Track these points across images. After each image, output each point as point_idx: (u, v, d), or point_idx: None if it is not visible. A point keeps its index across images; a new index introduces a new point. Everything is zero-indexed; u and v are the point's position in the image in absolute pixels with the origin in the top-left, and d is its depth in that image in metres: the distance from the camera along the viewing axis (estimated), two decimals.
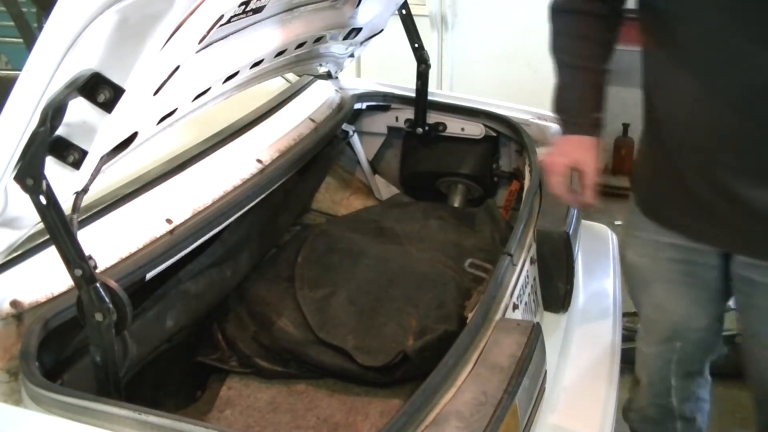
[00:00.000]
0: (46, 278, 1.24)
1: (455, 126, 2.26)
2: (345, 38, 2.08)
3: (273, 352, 1.61)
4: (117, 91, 1.03)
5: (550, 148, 1.58)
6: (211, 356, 1.65)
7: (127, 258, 1.36)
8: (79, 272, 1.09)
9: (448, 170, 2.33)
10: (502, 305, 1.42)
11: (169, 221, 1.48)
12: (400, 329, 1.61)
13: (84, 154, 1.10)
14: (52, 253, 1.11)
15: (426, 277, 1.76)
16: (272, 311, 1.67)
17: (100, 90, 1.01)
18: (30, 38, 3.10)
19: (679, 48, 1.31)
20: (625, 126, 4.07)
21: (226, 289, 1.74)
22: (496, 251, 1.73)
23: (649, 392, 1.77)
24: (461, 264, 1.86)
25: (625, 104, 2.92)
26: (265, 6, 1.49)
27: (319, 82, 2.32)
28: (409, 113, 2.30)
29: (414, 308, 1.67)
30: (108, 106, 1.04)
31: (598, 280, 2.00)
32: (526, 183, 1.91)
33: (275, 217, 2.02)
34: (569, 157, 1.48)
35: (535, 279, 1.72)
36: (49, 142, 1.02)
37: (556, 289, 1.78)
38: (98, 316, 1.11)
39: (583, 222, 2.04)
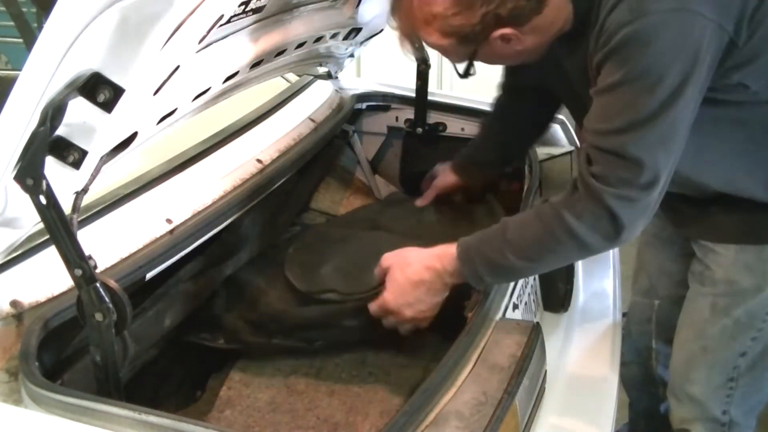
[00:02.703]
0: (46, 278, 1.24)
1: (455, 126, 2.26)
2: (345, 38, 2.08)
3: (260, 325, 1.62)
4: (117, 91, 1.03)
5: None
6: (200, 335, 1.65)
7: (127, 258, 1.36)
8: (79, 272, 1.09)
9: None
10: (502, 305, 1.42)
11: (169, 221, 1.48)
12: None
13: (84, 153, 1.09)
14: (52, 253, 1.11)
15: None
16: (260, 292, 1.69)
17: (100, 90, 1.01)
18: (30, 38, 3.10)
19: None
20: None
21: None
22: None
23: (633, 346, 1.94)
24: None
25: None
26: (265, 6, 1.49)
27: (319, 82, 2.32)
28: (409, 113, 2.29)
29: None
30: (108, 106, 1.04)
31: (598, 280, 2.00)
32: (526, 183, 1.91)
33: (275, 217, 2.01)
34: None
35: (535, 279, 1.72)
36: (49, 142, 1.02)
37: (556, 289, 1.78)
38: (98, 316, 1.11)
39: None
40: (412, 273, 1.41)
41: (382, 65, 3.47)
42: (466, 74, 1.50)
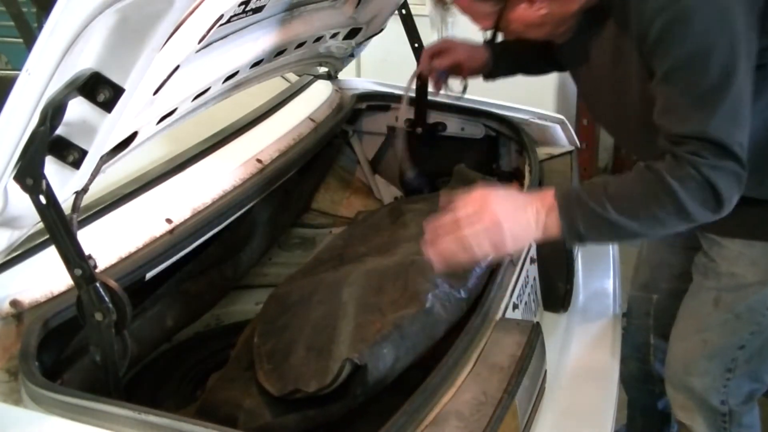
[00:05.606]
0: (45, 278, 1.24)
1: (455, 126, 2.26)
2: (345, 38, 2.08)
3: None
4: (117, 91, 1.03)
5: None
6: None
7: (127, 258, 1.36)
8: (78, 272, 1.09)
9: (447, 170, 2.33)
10: (502, 305, 1.42)
11: (169, 221, 1.48)
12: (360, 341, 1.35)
13: (84, 153, 1.10)
14: (52, 252, 1.11)
15: (385, 275, 1.55)
16: (238, 410, 1.37)
17: (99, 89, 1.01)
18: (30, 38, 3.10)
19: None
20: None
21: (226, 289, 1.73)
22: None
23: (631, 342, 1.95)
24: None
25: None
26: (265, 6, 1.49)
27: (319, 82, 2.32)
28: (409, 113, 2.30)
29: (376, 312, 1.43)
30: (108, 106, 1.04)
31: (598, 280, 2.00)
32: (526, 183, 1.90)
33: (275, 216, 2.01)
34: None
35: (535, 279, 1.72)
36: (48, 142, 1.02)
37: (556, 289, 1.78)
38: (98, 316, 1.11)
39: None
40: (513, 199, 1.30)
41: (382, 65, 3.47)
42: (492, 40, 1.53)
